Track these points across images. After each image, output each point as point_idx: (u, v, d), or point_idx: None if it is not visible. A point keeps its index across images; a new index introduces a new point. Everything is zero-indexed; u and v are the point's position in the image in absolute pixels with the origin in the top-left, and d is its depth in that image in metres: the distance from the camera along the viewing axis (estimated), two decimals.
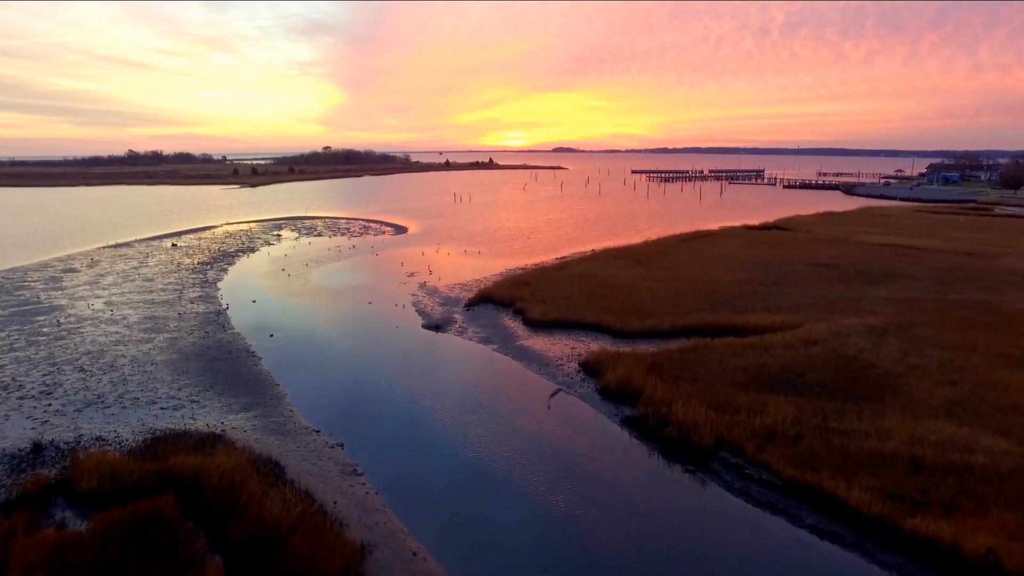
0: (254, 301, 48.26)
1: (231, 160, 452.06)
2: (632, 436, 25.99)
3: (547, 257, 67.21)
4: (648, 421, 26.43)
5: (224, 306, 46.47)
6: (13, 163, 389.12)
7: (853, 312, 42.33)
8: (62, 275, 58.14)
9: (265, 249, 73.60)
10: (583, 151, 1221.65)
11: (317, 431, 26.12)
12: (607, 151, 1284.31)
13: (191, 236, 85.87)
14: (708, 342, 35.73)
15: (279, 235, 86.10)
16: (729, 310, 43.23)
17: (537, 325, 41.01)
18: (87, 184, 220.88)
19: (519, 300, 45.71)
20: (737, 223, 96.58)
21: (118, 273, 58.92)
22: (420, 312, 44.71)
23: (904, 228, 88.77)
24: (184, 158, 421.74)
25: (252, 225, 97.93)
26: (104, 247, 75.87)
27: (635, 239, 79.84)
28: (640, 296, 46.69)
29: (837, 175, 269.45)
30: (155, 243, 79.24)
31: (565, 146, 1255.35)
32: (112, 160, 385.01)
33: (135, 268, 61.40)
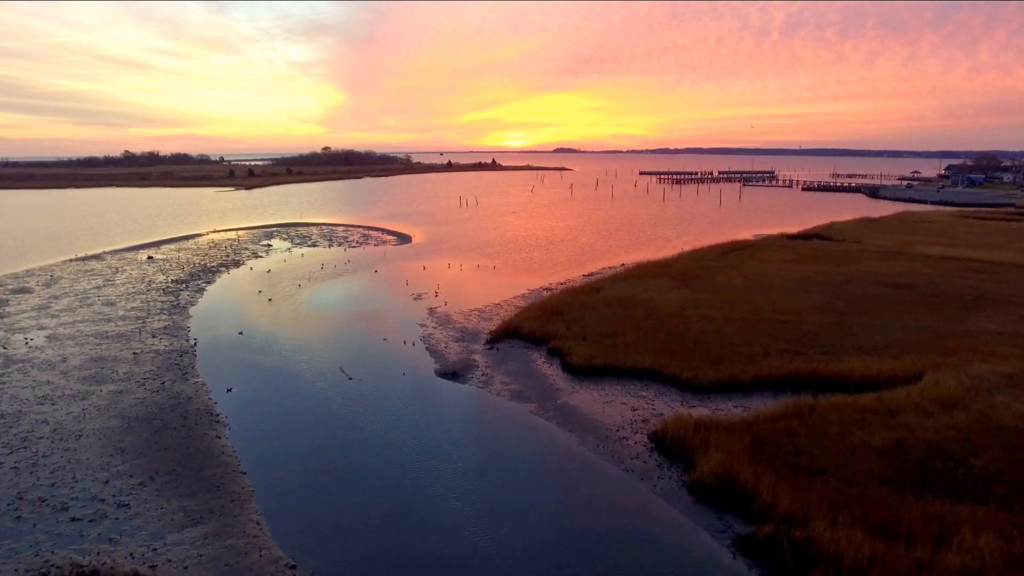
0: (240, 333, 39.94)
1: (229, 161, 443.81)
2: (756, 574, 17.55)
3: (573, 273, 58.79)
4: (780, 552, 17.95)
5: (192, 342, 38.03)
6: (5, 164, 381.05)
7: (971, 353, 33.85)
8: (10, 297, 49.69)
9: (252, 263, 65.15)
10: (584, 151, 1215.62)
11: (292, 567, 17.68)
12: (608, 151, 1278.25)
13: (171, 246, 77.40)
14: (812, 403, 27.26)
15: (269, 245, 77.64)
16: (816, 351, 34.80)
17: (581, 372, 32.56)
18: (76, 186, 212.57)
19: (554, 336, 37.27)
20: (772, 231, 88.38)
21: (76, 294, 50.47)
22: (431, 351, 36.24)
23: (960, 237, 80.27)
24: (181, 159, 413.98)
25: (241, 233, 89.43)
26: (71, 260, 67.44)
27: (666, 251, 71.45)
28: (699, 330, 38.23)
29: (851, 176, 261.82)
30: (129, 255, 70.77)
31: (566, 146, 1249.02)
32: (108, 161, 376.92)
33: (98, 288, 52.92)
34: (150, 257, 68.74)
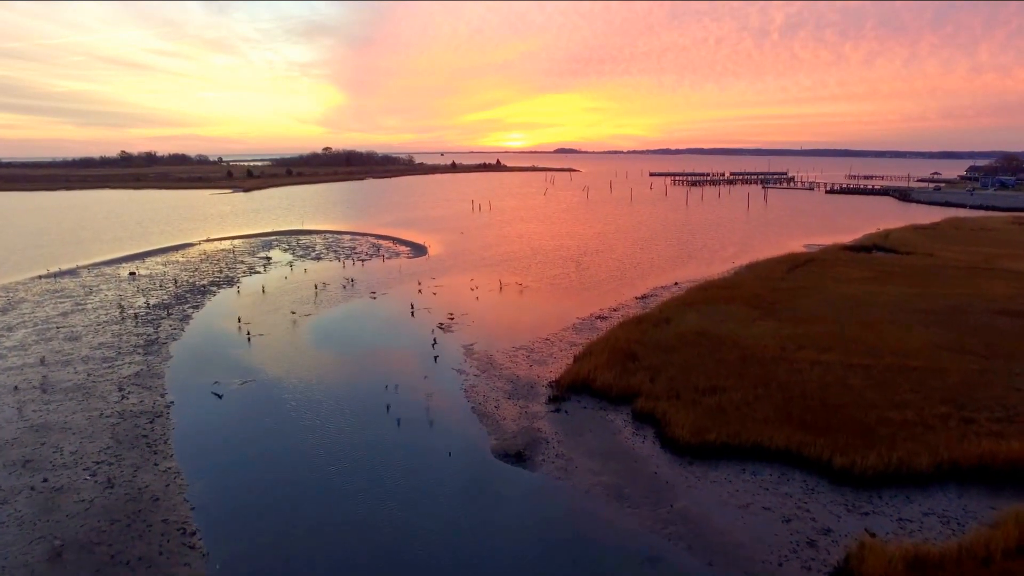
0: (239, 382, 31.44)
1: (228, 161, 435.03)
2: None
3: (623, 295, 50.40)
4: None
5: (167, 400, 29.55)
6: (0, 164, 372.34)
7: None
8: None
9: (248, 280, 56.71)
10: (584, 152, 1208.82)
11: None
12: (608, 152, 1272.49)
13: (158, 259, 68.91)
14: None
15: (268, 258, 69.13)
16: (986, 416, 26.39)
17: (689, 452, 24.16)
18: (68, 188, 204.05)
19: (637, 392, 28.89)
20: (821, 240, 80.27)
21: (35, 325, 42.02)
22: (480, 414, 27.80)
23: None
24: (179, 159, 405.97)
25: (236, 242, 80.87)
26: (42, 276, 58.95)
27: (717, 265, 63.15)
28: (819, 383, 29.83)
29: (869, 178, 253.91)
30: (109, 270, 62.26)
31: (567, 147, 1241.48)
32: (104, 161, 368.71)
33: (63, 315, 44.45)
34: (132, 273, 60.25)
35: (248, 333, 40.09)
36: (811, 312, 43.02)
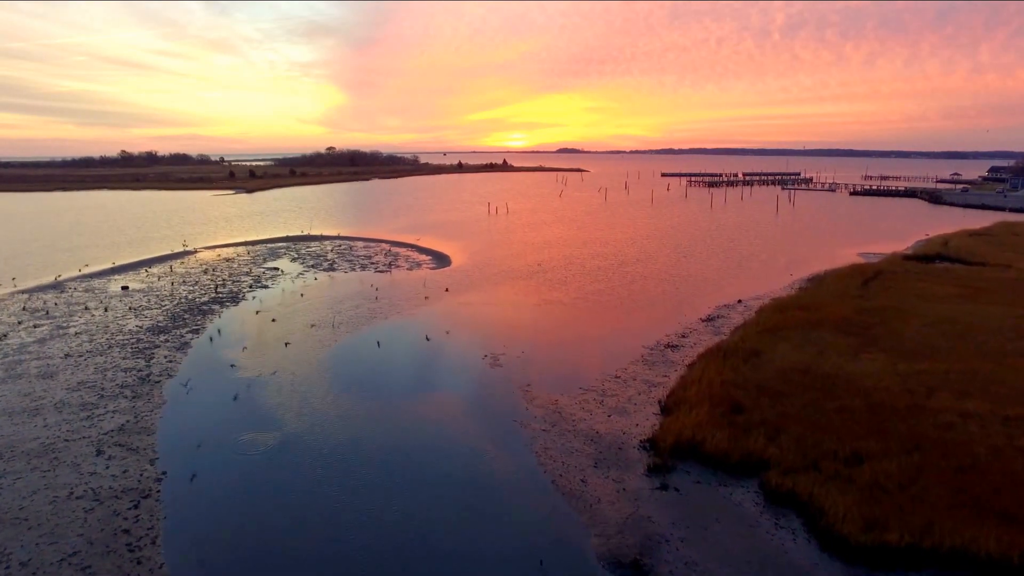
0: (250, 443, 25.04)
1: (229, 161, 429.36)
2: None
3: (686, 316, 44.00)
4: None
5: (159, 470, 23.16)
6: None
7: None
8: None
9: (254, 296, 50.37)
10: (586, 151, 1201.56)
11: None
12: (610, 152, 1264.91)
13: (155, 269, 62.53)
14: None
15: (276, 268, 62.76)
16: None
17: (861, 556, 17.79)
18: (64, 188, 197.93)
19: (760, 459, 22.54)
20: (872, 248, 74.14)
21: (4, 357, 35.57)
22: (564, 493, 21.39)
23: None
24: (180, 159, 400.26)
25: (240, 250, 74.47)
26: (21, 291, 52.61)
27: (777, 279, 56.78)
28: (985, 445, 23.46)
29: (884, 179, 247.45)
30: (99, 283, 55.90)
31: (568, 147, 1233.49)
32: (104, 161, 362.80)
33: (40, 343, 38.11)
34: (125, 287, 53.88)
35: (256, 369, 33.77)
36: (917, 340, 36.60)
